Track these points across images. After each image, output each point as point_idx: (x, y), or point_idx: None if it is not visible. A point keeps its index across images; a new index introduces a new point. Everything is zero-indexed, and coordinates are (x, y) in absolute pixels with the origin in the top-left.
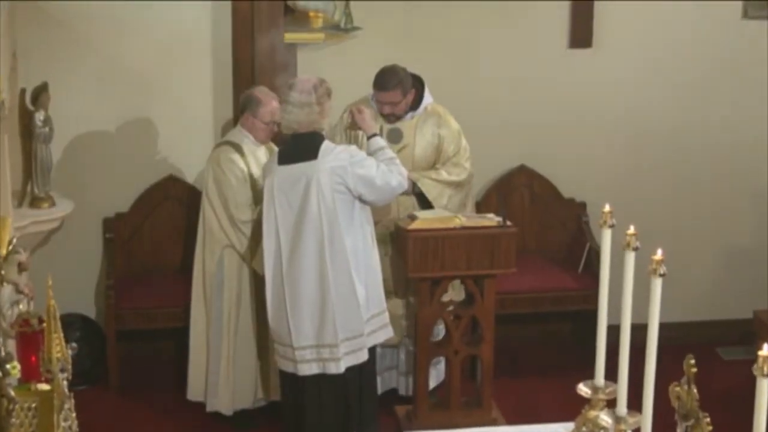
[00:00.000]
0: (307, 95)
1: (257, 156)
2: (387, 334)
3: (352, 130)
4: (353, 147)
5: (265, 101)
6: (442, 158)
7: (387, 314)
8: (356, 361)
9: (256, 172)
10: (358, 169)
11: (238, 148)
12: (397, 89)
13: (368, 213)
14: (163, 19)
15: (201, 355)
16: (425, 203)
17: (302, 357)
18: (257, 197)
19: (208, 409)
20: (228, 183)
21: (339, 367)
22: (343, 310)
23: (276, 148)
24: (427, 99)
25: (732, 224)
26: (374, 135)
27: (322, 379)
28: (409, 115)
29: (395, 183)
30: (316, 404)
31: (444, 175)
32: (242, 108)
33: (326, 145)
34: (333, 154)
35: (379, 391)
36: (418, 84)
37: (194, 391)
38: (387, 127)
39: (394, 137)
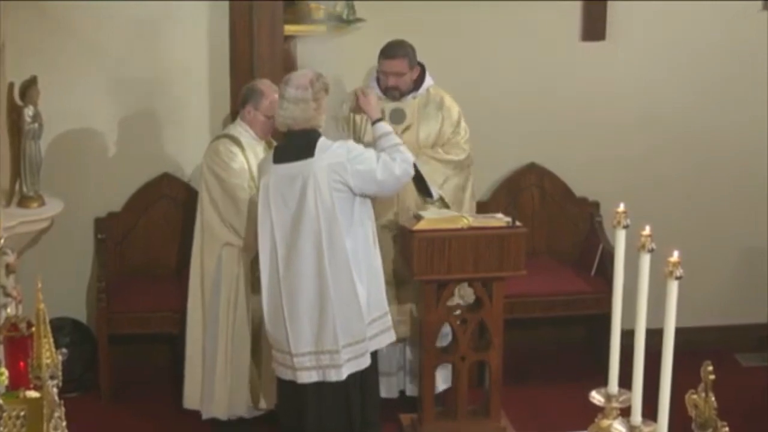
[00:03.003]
0: (303, 91)
1: (256, 152)
2: (389, 338)
3: (356, 114)
4: (350, 142)
5: (268, 94)
6: (441, 139)
7: (389, 317)
8: (358, 368)
9: (255, 169)
10: (357, 165)
11: (237, 142)
12: (404, 59)
13: (369, 210)
14: (158, 12)
15: (197, 362)
16: (422, 183)
17: (301, 364)
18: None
19: (205, 416)
20: (227, 167)
21: (340, 374)
22: (344, 314)
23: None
24: (428, 81)
25: (751, 224)
26: (379, 120)
27: (322, 385)
28: (412, 95)
29: (399, 172)
30: (316, 411)
31: (440, 153)
32: (244, 100)
33: (322, 141)
34: (330, 151)
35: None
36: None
37: (190, 400)
38: (390, 106)
39: (397, 117)
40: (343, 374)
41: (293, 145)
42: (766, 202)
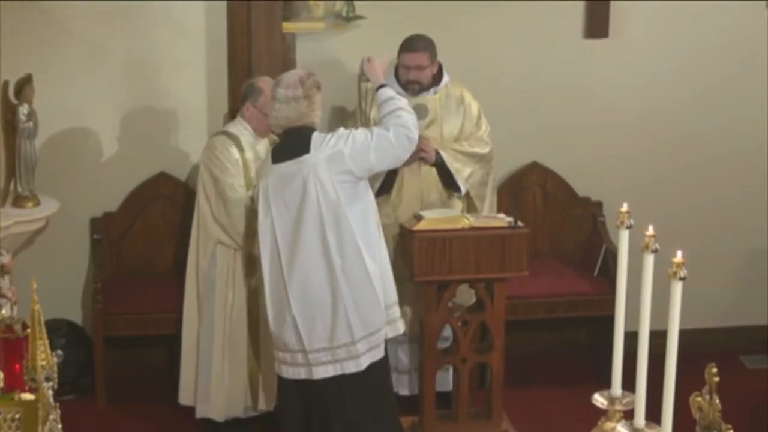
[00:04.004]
0: (294, 89)
1: (256, 150)
2: (395, 330)
3: (362, 81)
4: (340, 129)
5: (267, 91)
6: (463, 134)
7: (398, 308)
8: (373, 359)
9: (254, 166)
10: (351, 147)
11: (236, 140)
12: (426, 52)
13: (374, 205)
14: (155, 8)
15: (192, 359)
16: (446, 177)
17: (317, 359)
18: (250, 187)
19: (198, 415)
20: (222, 165)
21: (359, 365)
22: (359, 305)
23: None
24: (446, 77)
25: (757, 224)
26: (383, 86)
27: (338, 378)
28: (432, 90)
29: (396, 141)
30: (339, 405)
31: (466, 146)
32: (243, 97)
33: (316, 135)
34: (324, 144)
35: None
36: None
37: (185, 396)
38: (411, 102)
39: (420, 113)
40: (363, 364)
41: (289, 143)
42: None
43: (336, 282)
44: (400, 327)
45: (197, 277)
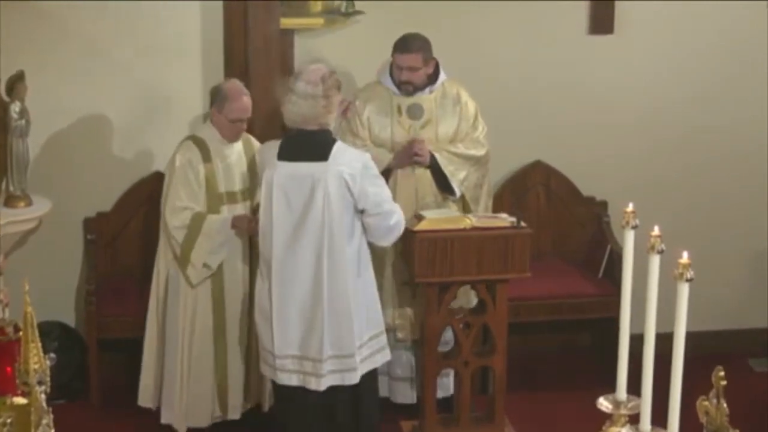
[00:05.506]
0: (314, 87)
1: (224, 154)
2: (384, 357)
3: (357, 101)
4: (367, 156)
5: (232, 97)
6: (459, 135)
7: (385, 336)
8: (341, 382)
9: (221, 173)
10: (368, 185)
11: (203, 146)
12: (419, 53)
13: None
14: (151, 7)
15: (151, 363)
16: (441, 179)
17: (283, 366)
18: (213, 202)
19: (162, 421)
20: (173, 185)
21: (319, 384)
22: (335, 326)
23: (256, 143)
24: (443, 76)
25: (758, 224)
26: None
27: (310, 392)
28: (428, 89)
29: (393, 221)
30: (300, 414)
31: (461, 148)
32: (210, 101)
33: (339, 146)
34: (346, 158)
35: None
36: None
37: (143, 397)
38: (406, 102)
39: (415, 113)
40: (323, 385)
41: (304, 144)
42: None
43: (320, 296)
44: (388, 354)
45: (158, 282)
